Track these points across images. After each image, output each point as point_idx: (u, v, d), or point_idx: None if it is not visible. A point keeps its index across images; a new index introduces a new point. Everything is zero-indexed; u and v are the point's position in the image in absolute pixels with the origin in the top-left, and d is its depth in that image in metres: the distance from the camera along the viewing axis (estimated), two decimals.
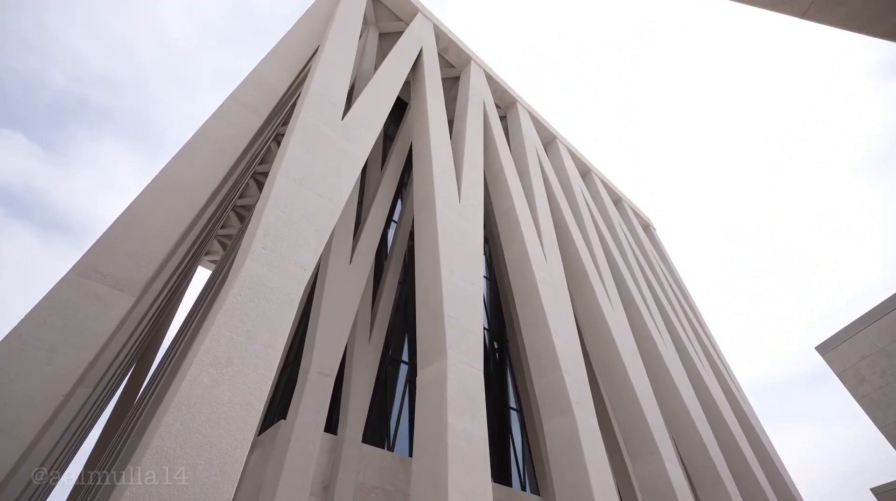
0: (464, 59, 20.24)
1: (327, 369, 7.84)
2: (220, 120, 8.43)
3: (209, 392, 4.06)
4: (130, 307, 5.61)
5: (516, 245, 12.00)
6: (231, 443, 3.93)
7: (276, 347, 4.79)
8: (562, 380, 8.88)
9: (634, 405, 10.75)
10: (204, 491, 3.59)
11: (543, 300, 10.37)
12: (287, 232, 5.96)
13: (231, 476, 3.77)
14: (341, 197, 7.33)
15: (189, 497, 3.50)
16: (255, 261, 5.33)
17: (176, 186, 6.96)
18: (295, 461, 7.13)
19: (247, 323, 4.75)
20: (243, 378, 4.36)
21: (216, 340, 4.41)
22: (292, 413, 7.38)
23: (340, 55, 10.61)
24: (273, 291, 5.23)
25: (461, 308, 7.77)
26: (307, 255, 5.95)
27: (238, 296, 4.90)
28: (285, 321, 5.08)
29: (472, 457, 5.84)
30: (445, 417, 6.02)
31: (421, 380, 7.06)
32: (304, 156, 7.37)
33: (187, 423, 3.81)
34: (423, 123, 12.67)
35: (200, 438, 3.80)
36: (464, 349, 7.15)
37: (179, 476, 3.53)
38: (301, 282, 5.63)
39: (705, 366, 17.72)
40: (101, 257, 5.72)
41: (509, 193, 13.61)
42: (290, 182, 6.67)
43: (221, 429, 3.95)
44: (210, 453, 3.78)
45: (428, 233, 9.12)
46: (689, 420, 12.73)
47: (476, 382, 6.88)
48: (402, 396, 11.50)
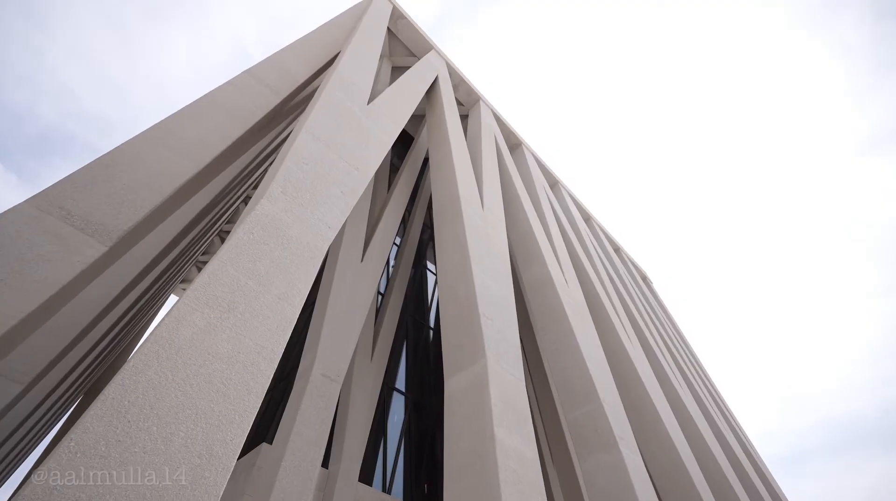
0: (473, 98, 20.42)
1: (333, 372, 6.39)
2: (233, 87, 7.59)
3: (202, 339, 2.79)
4: (99, 258, 4.33)
5: (537, 266, 11.03)
6: (226, 414, 2.61)
7: (293, 302, 3.56)
8: (601, 410, 7.56)
9: (670, 449, 9.33)
10: (177, 483, 2.24)
11: (572, 322, 9.25)
12: (310, 185, 4.91)
13: (222, 460, 2.43)
14: (368, 168, 6.38)
15: (155, 487, 2.15)
16: (273, 204, 4.22)
17: (176, 140, 5.91)
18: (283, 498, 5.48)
19: (258, 267, 3.56)
20: (250, 331, 3.10)
21: (217, 277, 3.20)
22: (283, 431, 5.82)
23: (365, 51, 10.16)
24: (292, 240, 4.08)
25: (496, 310, 6.60)
26: (332, 214, 4.86)
27: (250, 235, 3.74)
28: (306, 275, 3.89)
29: (526, 483, 4.45)
30: (491, 428, 4.69)
31: (451, 389, 5.71)
32: (328, 121, 6.49)
33: (165, 376, 2.52)
34: (442, 132, 12.11)
35: (182, 399, 2.50)
36: (502, 353, 5.91)
37: (140, 451, 2.20)
38: (325, 240, 4.49)
39: (721, 422, 16.34)
40: (71, 194, 4.51)
41: (526, 216, 12.87)
42: (313, 139, 5.72)
43: (215, 392, 2.65)
44: (193, 422, 2.46)
45: (453, 232, 8.12)
46: (721, 475, 11.23)
47: (520, 393, 5.59)
48: (401, 431, 9.84)
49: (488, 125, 18.05)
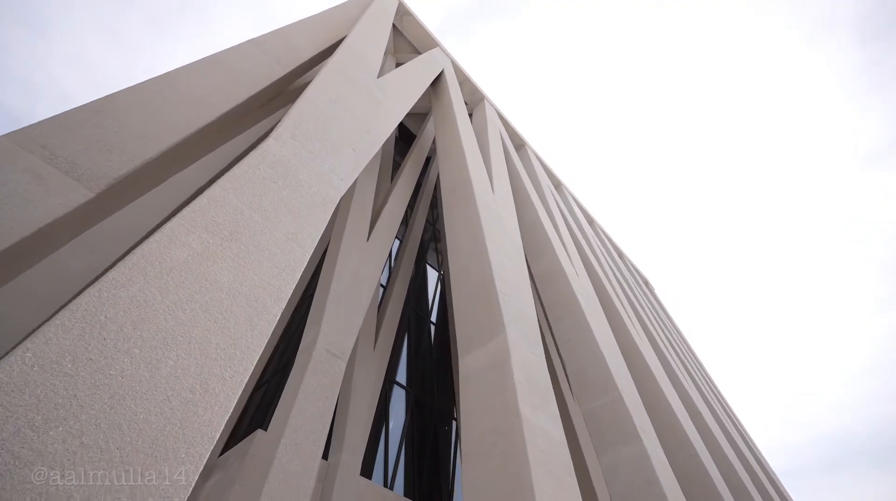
0: (477, 97, 20.20)
1: (338, 349, 5.89)
2: (237, 53, 7.20)
3: (199, 264, 2.35)
4: (84, 205, 3.87)
5: (548, 257, 10.62)
6: (225, 348, 2.15)
7: (302, 244, 3.12)
8: (620, 401, 7.09)
9: (688, 447, 8.85)
10: (163, 416, 1.78)
11: (586, 312, 8.81)
12: (320, 136, 4.50)
13: (219, 399, 1.97)
14: (379, 134, 5.99)
15: (134, 418, 1.69)
16: (281, 145, 3.80)
17: (174, 94, 5.49)
18: (279, 490, 4.93)
19: (264, 202, 3.12)
20: (255, 265, 2.66)
21: (218, 203, 2.76)
22: (283, 409, 5.29)
23: (373, 31, 9.86)
24: (301, 183, 3.65)
25: (513, 288, 6.17)
26: (343, 167, 4.45)
27: (255, 170, 3.31)
28: (317, 221, 3.45)
29: (556, 464, 3.98)
30: (515, 404, 4.22)
31: (468, 368, 5.24)
32: (339, 84, 6.11)
33: (152, 296, 2.07)
34: (449, 121, 11.78)
35: (172, 324, 2.04)
36: (523, 332, 5.46)
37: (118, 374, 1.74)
38: (337, 191, 4.06)
39: (731, 427, 15.84)
40: (55, 135, 4.07)
41: (534, 207, 12.50)
42: (325, 98, 5.33)
43: (212, 322, 2.19)
44: (185, 351, 2.00)
45: (465, 212, 7.71)
46: (736, 477, 10.73)
47: (543, 373, 5.12)
48: (403, 427, 9.31)
49: (494, 122, 17.82)
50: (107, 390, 1.65)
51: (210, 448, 1.81)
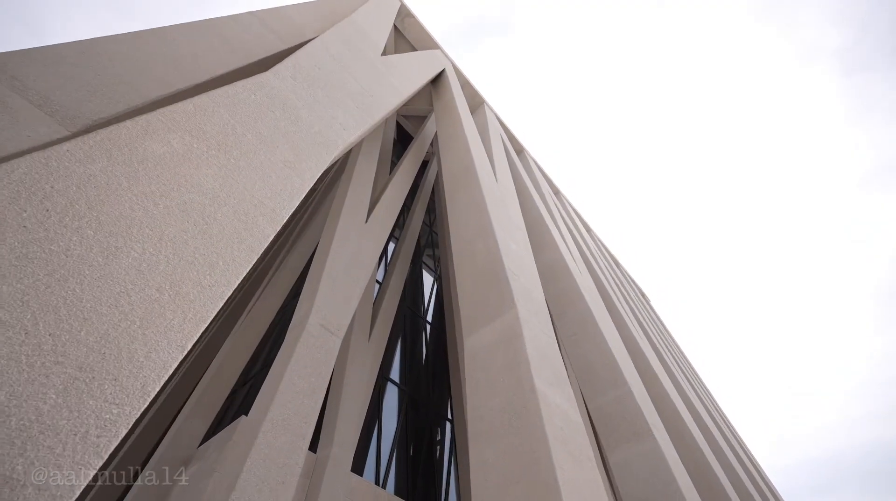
0: (477, 100, 20.10)
1: (333, 325, 5.43)
2: (235, 22, 6.88)
3: (179, 163, 1.96)
4: (55, 141, 3.46)
5: (550, 252, 10.30)
6: (205, 254, 1.76)
7: (302, 175, 2.74)
8: (630, 396, 6.69)
9: (694, 448, 8.43)
10: (118, 309, 1.38)
11: (591, 305, 8.45)
12: (323, 84, 4.15)
13: (194, 306, 1.56)
14: (382, 102, 5.66)
15: (66, 306, 1.29)
16: (280, 80, 3.44)
17: (166, 48, 5.12)
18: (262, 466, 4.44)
19: (259, 125, 2.75)
20: (245, 181, 2.27)
21: (205, 112, 2.39)
22: (267, 392, 4.80)
23: (377, 17, 9.64)
24: (302, 120, 3.28)
25: (520, 268, 5.81)
26: (346, 117, 4.09)
27: (252, 94, 2.94)
28: (318, 159, 3.08)
29: (575, 445, 3.56)
30: (530, 380, 3.82)
31: (474, 347, 4.83)
32: (341, 49, 5.79)
33: (116, 179, 1.68)
34: (452, 115, 11.54)
35: (139, 214, 1.65)
36: (533, 309, 5.07)
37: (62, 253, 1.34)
38: (341, 138, 3.70)
39: (730, 436, 15.43)
40: (29, 67, 3.67)
41: (535, 204, 12.23)
42: (325, 55, 5.00)
43: (191, 224, 1.80)
44: (154, 247, 1.61)
45: (469, 194, 7.37)
46: (739, 480, 10.30)
47: (555, 353, 4.73)
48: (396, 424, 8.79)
49: (494, 125, 17.68)
50: (42, 264, 1.25)
51: (178, 360, 1.41)
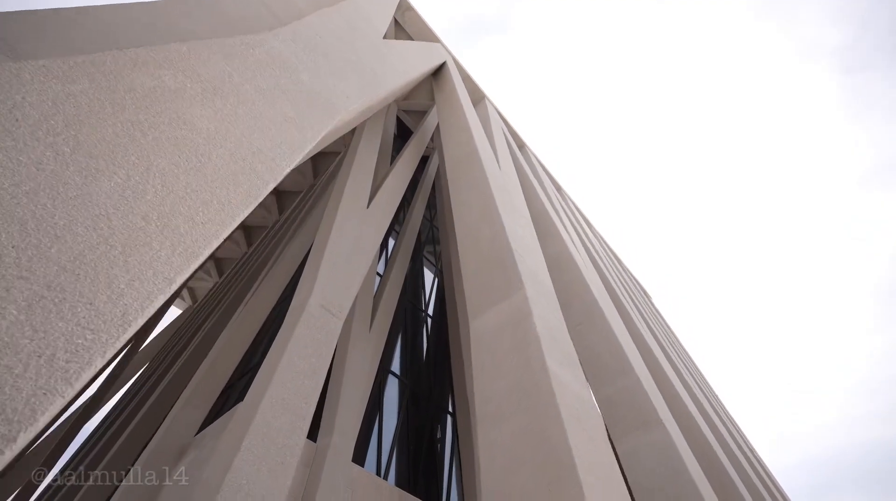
0: (478, 95, 19.96)
1: (334, 306, 5.27)
2: None
3: (171, 99, 1.82)
4: None
5: (555, 242, 10.14)
6: (199, 192, 1.62)
7: (303, 131, 2.59)
8: (638, 384, 6.53)
9: (702, 441, 8.27)
10: (96, 231, 1.22)
11: (597, 297, 8.30)
12: (323, 52, 4.00)
13: (185, 242, 1.40)
14: (385, 80, 5.51)
15: (35, 221, 1.13)
16: (281, 42, 3.29)
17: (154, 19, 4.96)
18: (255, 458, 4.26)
19: (258, 79, 2.59)
20: (243, 128, 2.11)
21: (201, 57, 2.24)
22: (266, 371, 4.63)
23: (378, 6, 9.50)
24: (303, 82, 3.12)
25: (526, 252, 5.65)
26: (349, 86, 3.94)
27: (251, 49, 2.79)
28: (319, 122, 2.92)
29: (589, 425, 3.40)
30: (541, 359, 3.65)
31: (480, 329, 4.67)
32: (341, 26, 5.64)
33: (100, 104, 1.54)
34: (453, 104, 11.38)
35: (125, 141, 1.49)
36: (541, 290, 4.91)
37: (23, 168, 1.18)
38: (343, 105, 3.54)
39: (736, 434, 15.28)
40: (18, 29, 3.48)
41: (538, 196, 12.08)
42: (326, 28, 4.84)
43: (182, 159, 1.66)
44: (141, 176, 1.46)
45: (473, 179, 7.22)
46: (745, 474, 10.13)
47: (564, 333, 4.57)
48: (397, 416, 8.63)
49: (495, 119, 17.53)
50: (10, 176, 1.10)
51: (167, 295, 1.25)
